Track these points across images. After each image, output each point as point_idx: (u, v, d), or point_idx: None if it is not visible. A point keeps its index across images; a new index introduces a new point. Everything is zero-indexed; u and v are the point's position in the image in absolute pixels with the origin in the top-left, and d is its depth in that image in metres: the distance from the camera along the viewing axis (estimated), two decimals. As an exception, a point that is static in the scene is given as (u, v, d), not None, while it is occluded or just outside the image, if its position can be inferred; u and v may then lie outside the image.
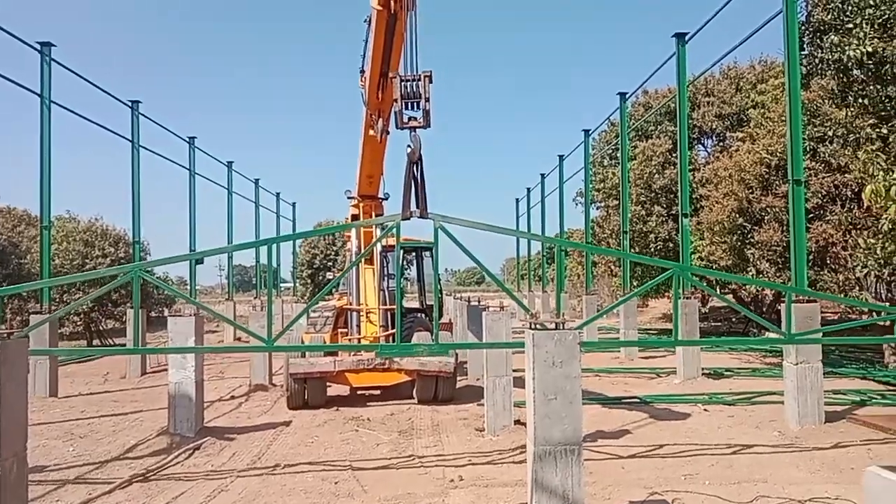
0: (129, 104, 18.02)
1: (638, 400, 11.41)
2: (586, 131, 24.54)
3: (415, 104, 7.09)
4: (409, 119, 7.10)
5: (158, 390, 13.88)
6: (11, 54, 15.00)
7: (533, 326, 5.31)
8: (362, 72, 10.02)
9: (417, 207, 6.90)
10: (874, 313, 13.18)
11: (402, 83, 7.03)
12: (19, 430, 5.41)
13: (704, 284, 11.82)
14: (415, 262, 15.68)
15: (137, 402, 12.90)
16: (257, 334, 6.96)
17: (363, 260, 12.79)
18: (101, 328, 29.00)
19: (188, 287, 25.60)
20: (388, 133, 10.21)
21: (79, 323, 28.31)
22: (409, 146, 7.10)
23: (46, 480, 7.47)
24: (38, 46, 13.85)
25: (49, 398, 13.24)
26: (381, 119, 9.97)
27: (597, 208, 28.01)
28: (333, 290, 15.71)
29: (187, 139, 23.58)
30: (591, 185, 25.64)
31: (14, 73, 13.10)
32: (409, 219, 6.80)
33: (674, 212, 22.67)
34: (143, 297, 22.04)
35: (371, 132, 10.41)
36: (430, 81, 7.06)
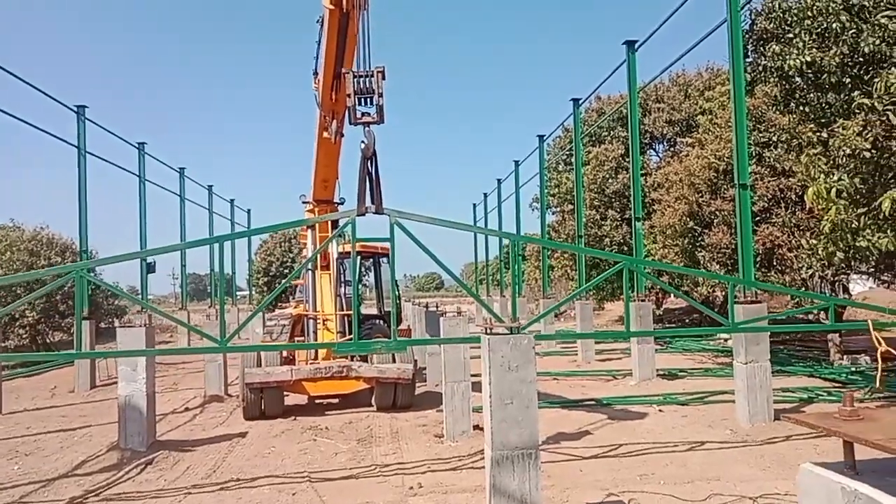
0: (75, 109, 17.50)
1: (595, 402, 11.56)
2: (541, 137, 24.82)
3: (368, 100, 7.12)
4: (363, 115, 7.14)
5: (108, 404, 13.48)
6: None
7: (488, 331, 5.34)
8: (315, 74, 9.96)
9: (372, 203, 6.92)
10: (820, 313, 13.68)
11: (355, 79, 7.05)
12: (-42, 450, 5.18)
13: (658, 278, 12.08)
14: (372, 268, 15.61)
15: (86, 417, 12.52)
16: (210, 335, 6.83)
17: (319, 266, 12.67)
18: (48, 340, 28.04)
19: (140, 296, 24.95)
20: (342, 135, 10.17)
21: (24, 336, 27.30)
22: (363, 142, 7.12)
23: (-12, 501, 7.18)
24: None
25: (-9, 415, 12.76)
26: (335, 121, 9.93)
27: (553, 213, 28.38)
28: (290, 297, 15.50)
29: (136, 144, 23.04)
30: (546, 190, 25.94)
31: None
32: (364, 214, 6.82)
33: (627, 216, 23.09)
34: (92, 307, 21.45)
35: (325, 134, 10.34)
36: (384, 77, 7.10)
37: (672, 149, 25.98)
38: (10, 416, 12.98)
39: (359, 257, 14.31)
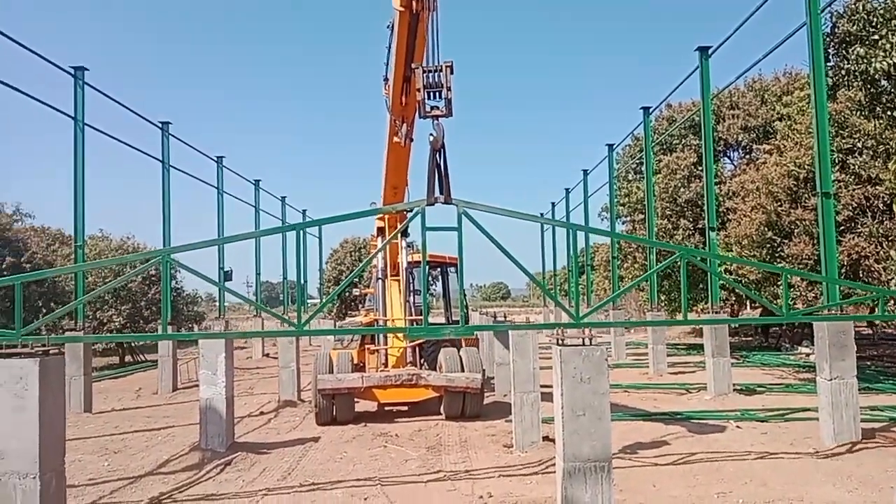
0: (160, 125, 18.42)
1: (668, 416, 11.28)
2: (610, 146, 24.49)
3: (437, 94, 7.28)
4: (432, 108, 7.30)
5: (189, 406, 14.07)
6: (45, 78, 15.43)
7: (560, 342, 5.32)
8: (386, 80, 10.16)
9: (441, 194, 7.05)
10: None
11: (425, 73, 7.22)
12: (58, 445, 5.55)
13: (725, 275, 11.71)
14: (440, 277, 15.74)
15: (169, 418, 13.09)
16: (287, 319, 7.01)
17: (389, 275, 12.89)
18: (132, 345, 29.45)
19: (217, 304, 25.93)
20: (412, 139, 10.32)
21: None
22: (431, 134, 7.28)
23: (83, 495, 7.60)
24: (73, 71, 14.27)
25: (84, 414, 13.50)
26: (404, 124, 10.07)
27: (622, 223, 27.86)
28: (360, 306, 15.81)
29: (215, 158, 24.01)
30: (615, 200, 25.53)
31: (47, 96, 13.53)
32: (433, 204, 6.96)
33: (700, 225, 22.46)
34: (173, 313, 22.39)
35: (395, 139, 10.50)
36: (452, 71, 7.25)
37: (748, 156, 25.14)
38: (100, 415, 13.72)
39: (427, 267, 14.52)
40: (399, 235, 12.71)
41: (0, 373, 5.16)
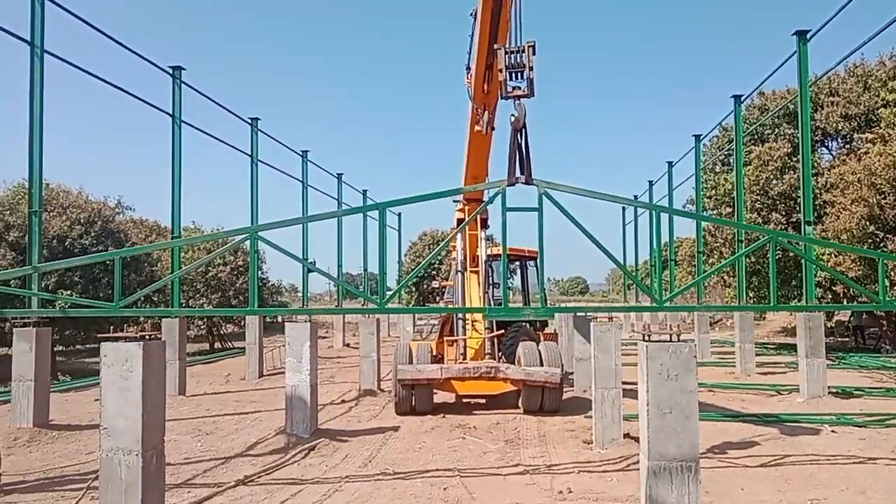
0: (249, 121, 19.11)
1: (757, 417, 10.83)
2: (697, 136, 23.66)
3: (519, 74, 7.24)
4: (514, 88, 7.30)
5: (274, 392, 14.61)
6: (141, 78, 16.27)
7: (646, 338, 5.19)
8: (468, 68, 10.16)
9: (522, 174, 7.03)
10: None
11: (507, 54, 7.21)
12: (158, 425, 5.87)
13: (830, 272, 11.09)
14: (518, 271, 15.66)
15: (256, 403, 13.63)
16: (370, 297, 7.17)
17: (468, 267, 12.93)
18: (221, 332, 30.83)
19: (300, 294, 26.74)
20: (493, 128, 10.30)
21: (202, 326, 30.25)
22: (513, 115, 7.27)
23: (178, 473, 8.03)
24: (171, 70, 15.00)
25: (178, 396, 14.24)
26: (486, 112, 10.05)
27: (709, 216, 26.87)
28: (438, 299, 15.96)
29: (301, 153, 24.71)
30: (702, 192, 24.66)
31: (143, 94, 14.28)
32: (514, 184, 6.99)
33: (794, 219, 21.42)
34: (258, 302, 23.21)
35: (477, 128, 10.48)
36: (534, 52, 7.21)
37: (847, 146, 23.74)
38: (193, 398, 14.44)
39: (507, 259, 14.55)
40: (479, 227, 12.73)
41: (109, 354, 5.50)
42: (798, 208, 15.00)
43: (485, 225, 13.26)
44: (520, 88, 7.31)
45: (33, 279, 7.45)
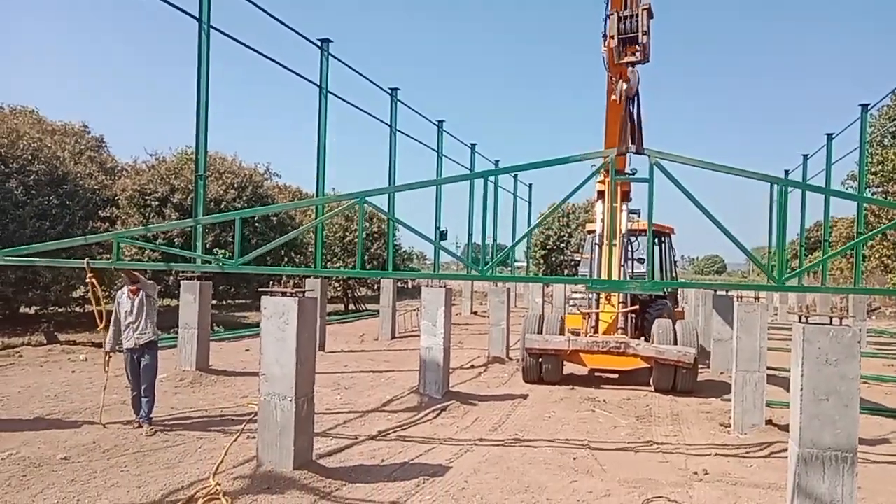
0: (389, 92, 19.63)
1: (920, 415, 9.90)
2: (864, 105, 21.50)
3: (633, 40, 6.96)
4: (626, 54, 7.00)
5: (406, 353, 15.19)
6: (291, 50, 17.11)
7: (803, 320, 4.89)
8: (605, 36, 9.85)
9: (633, 143, 6.78)
10: None
11: (620, 20, 6.90)
12: (309, 375, 6.32)
13: None
14: (654, 246, 15.15)
15: (389, 363, 14.24)
16: (469, 263, 7.25)
17: (607, 241, 12.68)
18: (356, 294, 32.32)
19: (429, 262, 27.41)
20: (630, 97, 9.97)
21: (338, 289, 31.85)
22: (625, 82, 6.99)
23: (321, 422, 8.60)
24: (319, 43, 15.66)
25: (319, 352, 15.14)
26: (621, 81, 9.74)
27: (872, 194, 24.55)
28: (573, 273, 15.82)
29: (436, 123, 25.09)
30: (866, 168, 22.52)
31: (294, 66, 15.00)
32: (624, 154, 6.74)
33: (977, 200, 19.11)
34: (393, 267, 24.07)
35: (613, 97, 10.19)
36: (650, 16, 6.85)
37: None
38: (331, 354, 15.33)
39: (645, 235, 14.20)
40: (619, 200, 12.42)
41: (269, 307, 5.98)
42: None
43: (626, 198, 12.92)
44: (633, 55, 6.99)
45: (198, 235, 8.21)
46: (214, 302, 25.02)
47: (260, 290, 6.53)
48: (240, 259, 7.21)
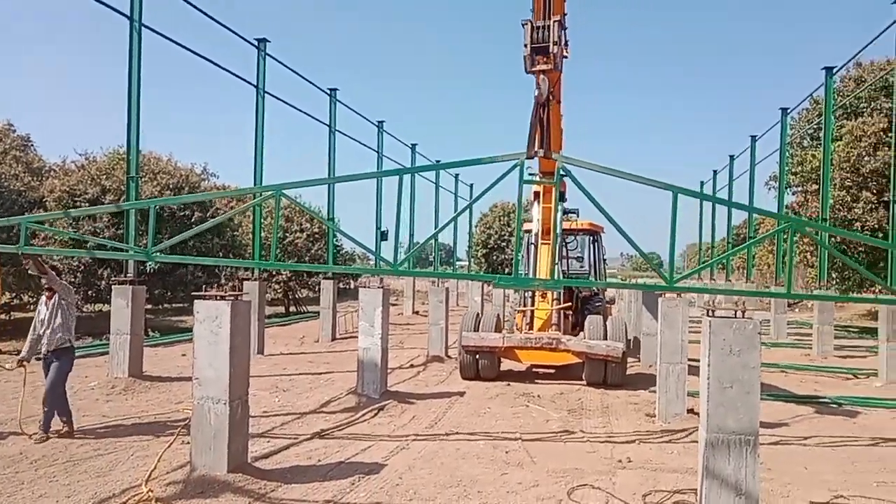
0: (328, 92, 19.61)
1: (829, 401, 10.60)
2: (784, 109, 22.68)
3: (544, 49, 7.22)
4: (537, 63, 7.30)
5: (346, 354, 15.22)
6: (225, 50, 16.91)
7: (710, 313, 5.25)
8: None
9: (541, 148, 7.10)
10: None
11: (534, 29, 7.20)
12: (243, 377, 6.37)
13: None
14: (587, 245, 15.67)
15: (329, 364, 14.27)
16: (386, 259, 7.43)
17: (540, 238, 13.05)
18: (297, 296, 31.99)
19: (371, 262, 27.44)
20: (558, 102, 10.30)
21: (279, 290, 31.47)
22: (536, 89, 7.30)
23: (258, 424, 8.61)
24: (256, 43, 15.56)
25: (257, 355, 15.03)
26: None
27: (792, 193, 25.87)
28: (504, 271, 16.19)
29: (376, 123, 25.15)
30: (787, 168, 23.71)
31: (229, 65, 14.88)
32: (532, 157, 7.07)
33: (886, 198, 20.35)
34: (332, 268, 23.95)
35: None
36: (563, 27, 7.17)
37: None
38: (270, 357, 15.23)
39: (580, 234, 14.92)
40: (556, 200, 12.79)
41: (201, 311, 6.00)
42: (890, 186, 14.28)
43: (562, 198, 13.31)
44: (545, 63, 7.30)
45: (130, 236, 8.11)
46: (150, 306, 24.45)
47: (193, 294, 6.54)
48: (152, 248, 7.23)
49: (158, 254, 7.74)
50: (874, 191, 21.18)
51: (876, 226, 20.55)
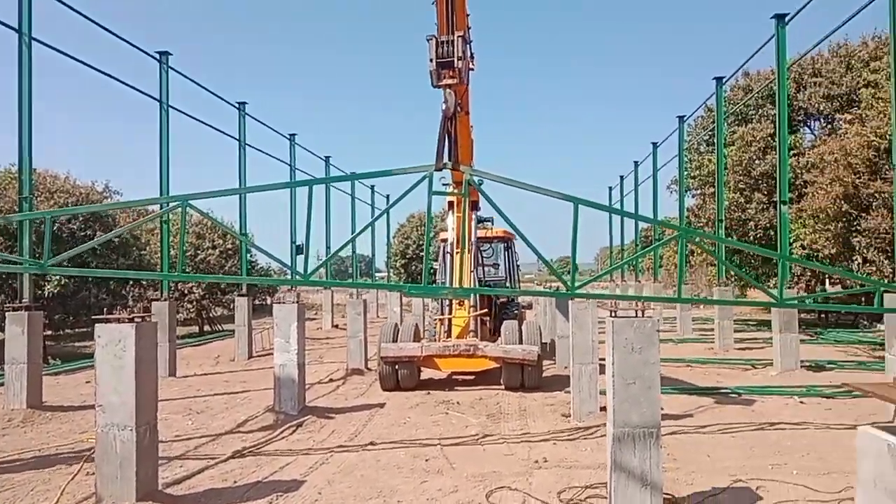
0: (237, 106, 19.19)
1: (729, 391, 11.24)
2: (681, 117, 23.92)
3: (449, 64, 7.41)
4: (443, 77, 7.51)
5: (263, 372, 14.87)
6: (127, 63, 16.31)
7: (613, 314, 5.50)
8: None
9: (449, 160, 7.31)
10: None
11: (439, 45, 7.40)
12: (150, 401, 6.15)
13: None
14: (502, 252, 16.02)
15: (245, 383, 13.91)
16: (295, 270, 7.44)
17: (456, 247, 13.24)
18: (211, 315, 31.00)
19: (288, 275, 26.98)
20: (467, 113, 10.51)
21: (192, 310, 30.41)
22: (444, 103, 7.51)
23: (170, 449, 8.31)
24: (158, 56, 15.06)
25: (168, 377, 14.47)
26: (454, 97, 10.26)
27: (692, 196, 27.30)
28: (433, 279, 16.38)
29: (288, 136, 24.80)
30: (686, 173, 25.00)
31: (132, 80, 14.36)
32: (440, 170, 7.25)
33: (776, 199, 21.82)
34: (248, 285, 23.45)
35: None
36: (466, 41, 7.41)
37: (829, 126, 24.11)
38: (183, 379, 14.70)
39: (495, 241, 15.25)
40: (468, 209, 13.04)
41: (103, 335, 5.76)
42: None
43: (475, 207, 13.56)
44: (451, 78, 7.52)
45: (25, 248, 7.68)
46: (50, 332, 23.11)
47: (94, 317, 6.27)
48: (49, 259, 6.91)
49: (55, 267, 7.37)
50: (765, 192, 22.67)
51: (768, 224, 21.99)
